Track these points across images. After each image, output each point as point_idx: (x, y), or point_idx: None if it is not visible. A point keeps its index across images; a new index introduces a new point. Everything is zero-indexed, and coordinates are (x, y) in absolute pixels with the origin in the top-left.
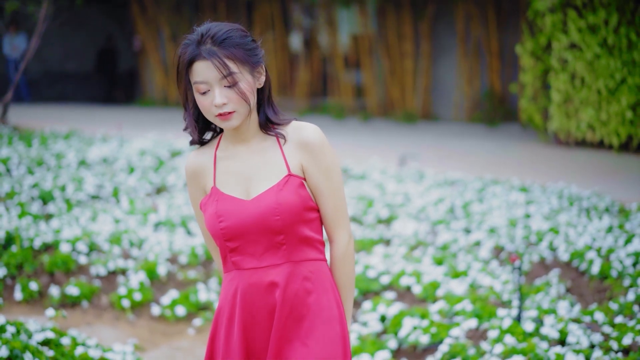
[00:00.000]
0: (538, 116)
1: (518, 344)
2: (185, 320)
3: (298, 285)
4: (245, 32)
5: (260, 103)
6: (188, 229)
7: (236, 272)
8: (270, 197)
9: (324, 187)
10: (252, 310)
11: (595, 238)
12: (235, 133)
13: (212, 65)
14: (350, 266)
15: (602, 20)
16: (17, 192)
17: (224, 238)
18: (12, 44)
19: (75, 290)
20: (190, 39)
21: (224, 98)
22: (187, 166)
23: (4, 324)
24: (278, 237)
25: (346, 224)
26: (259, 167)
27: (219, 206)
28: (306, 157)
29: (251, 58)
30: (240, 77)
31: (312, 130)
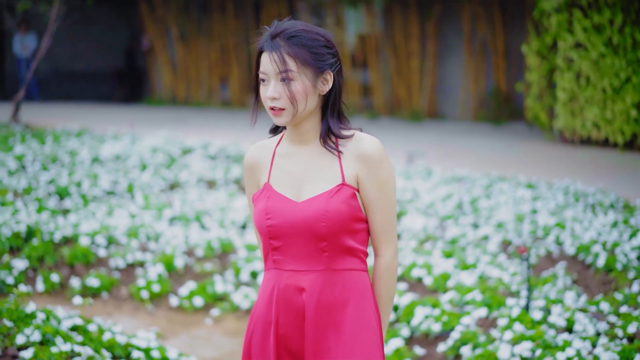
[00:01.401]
0: (544, 115)
1: (527, 331)
2: (202, 311)
3: (335, 293)
4: (321, 37)
5: (325, 111)
6: (202, 224)
7: (275, 271)
8: (319, 202)
9: (377, 200)
10: (287, 311)
11: (601, 233)
12: (296, 132)
13: (271, 58)
14: (393, 281)
15: (607, 20)
16: (34, 187)
17: (269, 235)
18: (23, 43)
19: (95, 281)
20: (267, 30)
21: (277, 93)
22: (246, 159)
23: (34, 311)
24: (321, 243)
25: (394, 239)
26: (314, 171)
27: (269, 203)
28: (363, 169)
29: (316, 62)
30: (296, 76)
31: (372, 143)
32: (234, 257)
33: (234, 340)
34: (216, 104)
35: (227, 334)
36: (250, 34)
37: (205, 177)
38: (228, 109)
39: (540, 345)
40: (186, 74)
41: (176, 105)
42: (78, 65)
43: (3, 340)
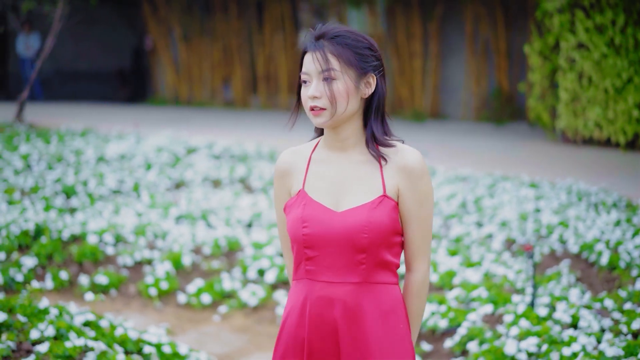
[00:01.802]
0: (546, 115)
1: (533, 327)
2: (210, 308)
3: (368, 307)
4: (364, 40)
5: (368, 116)
6: (208, 222)
7: (307, 282)
8: (361, 213)
9: (416, 214)
10: (319, 324)
11: (604, 231)
12: (335, 138)
13: (314, 57)
14: (425, 296)
15: (610, 20)
16: (41, 186)
17: (304, 245)
18: (26, 44)
19: (104, 279)
20: (311, 32)
21: (318, 92)
22: (278, 164)
23: (48, 306)
24: (360, 256)
25: (429, 254)
26: (354, 180)
27: (305, 211)
28: (404, 182)
29: (359, 63)
30: (339, 76)
31: (415, 156)
32: (240, 254)
33: (242, 336)
34: (219, 104)
35: (235, 331)
36: (253, 34)
37: (210, 177)
38: (231, 109)
39: (546, 340)
40: (189, 74)
41: (179, 105)
42: (81, 65)
43: (17, 335)
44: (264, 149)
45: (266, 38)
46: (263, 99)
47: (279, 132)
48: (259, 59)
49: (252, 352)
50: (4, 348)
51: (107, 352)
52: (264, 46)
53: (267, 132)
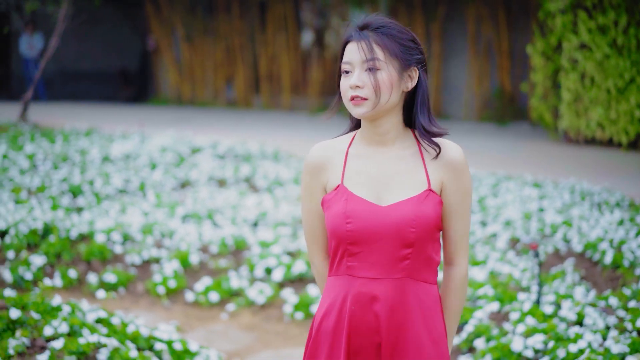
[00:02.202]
0: (548, 115)
1: (539, 325)
2: (218, 306)
3: (409, 304)
4: (408, 32)
5: (411, 109)
6: (214, 221)
7: (348, 278)
8: (409, 207)
9: (458, 208)
10: (359, 320)
11: (607, 230)
12: (373, 132)
13: (359, 47)
14: (465, 292)
15: (612, 21)
16: (48, 186)
17: (348, 240)
18: (29, 44)
19: (112, 277)
20: (353, 23)
21: (360, 81)
22: (310, 158)
23: (60, 304)
24: (405, 251)
25: (468, 249)
26: (396, 174)
27: (348, 206)
28: (448, 176)
29: (403, 55)
30: (383, 66)
31: (457, 150)
32: (247, 253)
33: (250, 334)
34: (221, 103)
35: (243, 328)
36: (256, 34)
37: (215, 176)
38: (233, 108)
39: (553, 337)
40: (192, 74)
41: (182, 105)
42: (83, 66)
43: (31, 332)
44: (267, 149)
45: (269, 38)
46: (266, 99)
47: (282, 131)
48: (262, 59)
49: (260, 349)
50: (20, 344)
51: (119, 349)
52: (267, 46)
53: (270, 132)
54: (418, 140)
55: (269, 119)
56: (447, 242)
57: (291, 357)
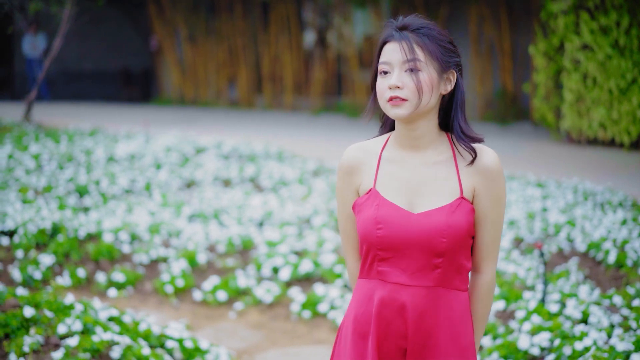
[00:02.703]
0: (550, 115)
1: (545, 323)
2: (226, 305)
3: (439, 313)
4: (447, 35)
5: (447, 113)
6: (220, 221)
7: (378, 282)
8: (440, 216)
9: (490, 215)
10: (388, 328)
11: (611, 230)
12: (408, 136)
13: (399, 47)
14: (491, 299)
15: (614, 22)
16: (54, 186)
17: (378, 246)
18: (32, 44)
19: (120, 276)
20: (391, 22)
21: (400, 82)
22: (344, 160)
23: (73, 302)
24: (437, 259)
25: (497, 256)
26: (429, 181)
27: (380, 212)
28: (481, 183)
29: (443, 56)
30: (423, 66)
31: (493, 157)
32: (254, 252)
33: (258, 332)
34: (224, 104)
35: (251, 327)
36: (258, 34)
37: (220, 176)
38: (236, 108)
39: (558, 335)
40: (194, 74)
41: (184, 105)
42: (86, 66)
43: (45, 330)
44: (271, 149)
45: (271, 38)
46: (268, 99)
47: (285, 131)
48: (264, 59)
49: (268, 347)
50: (35, 342)
51: (132, 347)
52: (269, 46)
53: (273, 132)
54: (452, 145)
55: (272, 119)
56: (476, 249)
57: (298, 356)
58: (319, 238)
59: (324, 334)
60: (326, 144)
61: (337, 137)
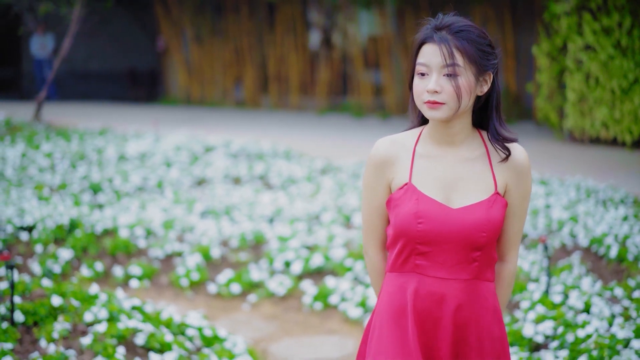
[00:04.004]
0: (554, 115)
1: (548, 312)
2: (240, 297)
3: (477, 304)
4: (486, 36)
5: (482, 113)
6: (232, 217)
7: (416, 276)
8: (480, 211)
9: (518, 208)
10: (426, 319)
11: (612, 226)
12: (444, 132)
13: (439, 50)
14: (512, 286)
15: (616, 22)
16: (69, 183)
17: (418, 240)
18: (41, 44)
19: (137, 270)
20: (430, 22)
21: (439, 87)
22: (376, 152)
23: (97, 292)
24: (475, 253)
25: (519, 246)
26: (465, 176)
27: (420, 207)
28: (513, 178)
29: (481, 60)
30: (462, 71)
31: (524, 153)
32: (266, 247)
33: (272, 323)
34: (230, 103)
35: (264, 318)
36: (264, 34)
37: (230, 174)
38: (242, 108)
39: (562, 323)
40: (201, 75)
41: (191, 105)
42: (93, 66)
43: (73, 318)
44: (279, 148)
45: (277, 38)
46: (274, 99)
47: (292, 131)
48: (270, 59)
49: (281, 337)
50: (64, 329)
51: (155, 334)
52: (275, 47)
53: (279, 132)
54: (485, 142)
55: (278, 118)
56: (503, 240)
57: (311, 345)
58: (328, 233)
59: (335, 324)
60: (332, 143)
61: (343, 136)
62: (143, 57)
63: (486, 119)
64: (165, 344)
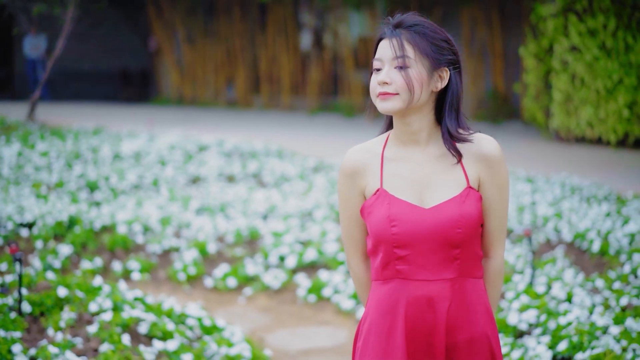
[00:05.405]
0: (540, 114)
1: (532, 302)
2: (236, 291)
3: (465, 302)
4: (442, 33)
5: (442, 111)
6: (226, 214)
7: (400, 282)
8: (452, 208)
9: (496, 201)
10: (417, 325)
11: (595, 222)
12: (405, 131)
13: (389, 44)
14: (501, 282)
15: (601, 24)
16: (66, 181)
17: (394, 244)
18: (33, 45)
19: (135, 265)
20: (388, 20)
21: (389, 78)
22: (346, 163)
23: (101, 284)
24: (454, 251)
25: (504, 241)
26: (435, 174)
27: (392, 210)
28: (485, 171)
29: (434, 54)
30: (413, 63)
31: (493, 144)
32: (261, 242)
33: (267, 315)
34: (222, 103)
35: (260, 311)
36: (256, 35)
37: (224, 172)
38: (234, 108)
39: (545, 312)
40: (193, 75)
41: (183, 105)
42: (85, 66)
43: (78, 308)
44: (272, 147)
45: (269, 39)
46: (265, 99)
47: (283, 130)
48: (262, 60)
49: (277, 328)
50: (70, 318)
51: (157, 323)
52: (267, 47)
53: (271, 131)
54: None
55: (269, 118)
56: (485, 235)
57: (305, 335)
58: (321, 229)
59: (329, 316)
60: (324, 142)
61: (334, 135)
62: (135, 57)
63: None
64: (167, 333)
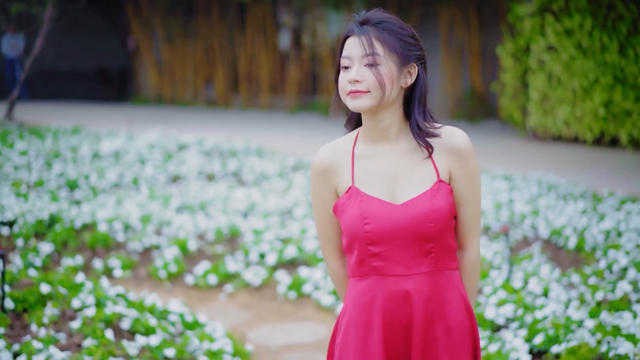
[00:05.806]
0: (517, 113)
1: (509, 297)
2: (216, 288)
3: (442, 295)
4: (409, 29)
5: (410, 106)
6: (207, 212)
7: (376, 278)
8: (424, 202)
9: (468, 193)
10: (394, 319)
11: (571, 219)
12: (375, 128)
13: (359, 42)
14: (478, 274)
15: (578, 24)
16: (45, 180)
17: (367, 241)
18: (11, 44)
19: (116, 263)
20: (354, 17)
21: (359, 76)
22: (317, 163)
23: (83, 281)
24: (428, 245)
25: (479, 231)
26: (405, 170)
27: (364, 207)
28: (455, 163)
29: (403, 50)
30: (382, 60)
31: (462, 136)
32: (241, 240)
33: (248, 312)
34: (201, 103)
35: (241, 307)
36: (235, 35)
37: (204, 171)
38: (213, 108)
39: (522, 306)
40: (172, 74)
41: (162, 105)
42: (63, 65)
43: (61, 304)
44: (251, 146)
45: (248, 39)
46: (244, 99)
47: (262, 129)
48: (241, 60)
49: (258, 324)
50: (53, 314)
51: (139, 319)
52: (246, 47)
53: (250, 130)
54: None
55: (249, 117)
56: (459, 227)
57: (285, 331)
58: (301, 226)
59: (309, 312)
60: (303, 141)
61: (313, 134)
62: (114, 56)
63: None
64: (150, 328)
